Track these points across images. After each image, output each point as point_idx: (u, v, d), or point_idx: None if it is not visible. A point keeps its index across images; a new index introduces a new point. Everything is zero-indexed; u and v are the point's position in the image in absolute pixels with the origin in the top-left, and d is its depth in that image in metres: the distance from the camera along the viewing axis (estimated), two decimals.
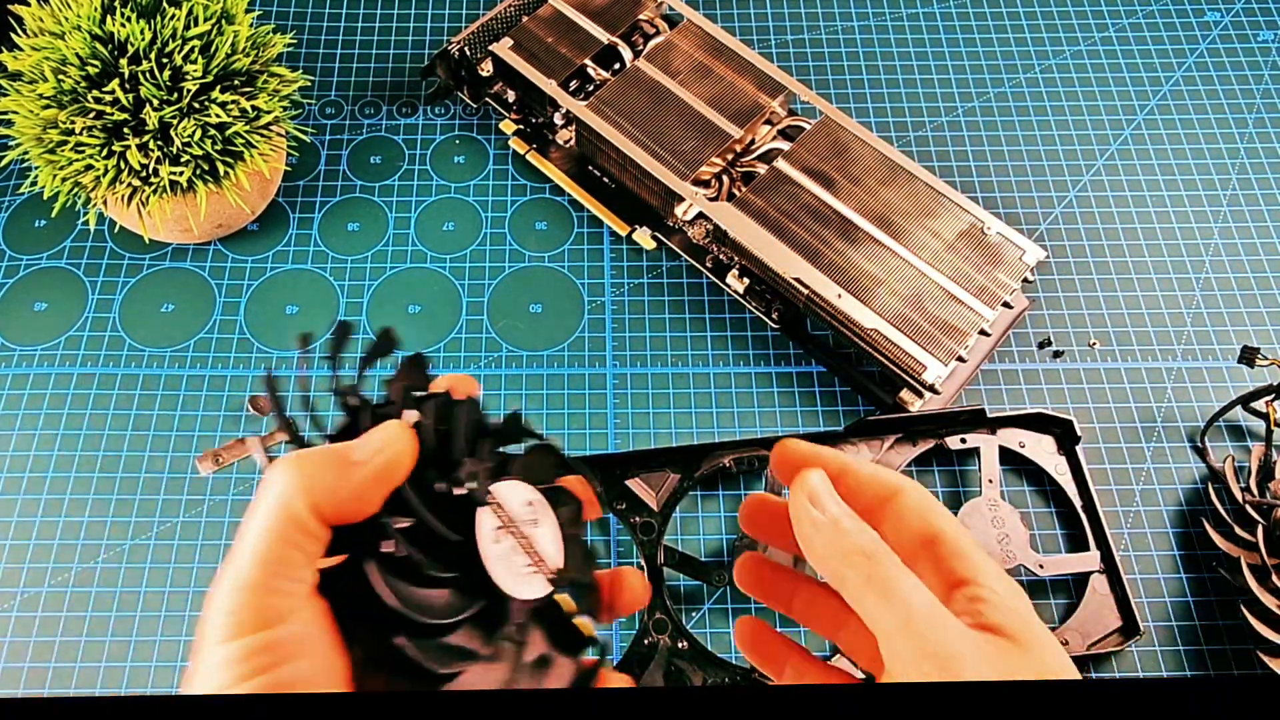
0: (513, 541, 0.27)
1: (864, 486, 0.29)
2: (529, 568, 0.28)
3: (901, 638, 0.25)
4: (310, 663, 0.23)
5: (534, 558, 0.28)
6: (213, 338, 0.56)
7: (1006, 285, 0.53)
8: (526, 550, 0.28)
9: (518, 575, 0.27)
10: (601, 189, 0.61)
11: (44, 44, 0.49)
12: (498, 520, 0.27)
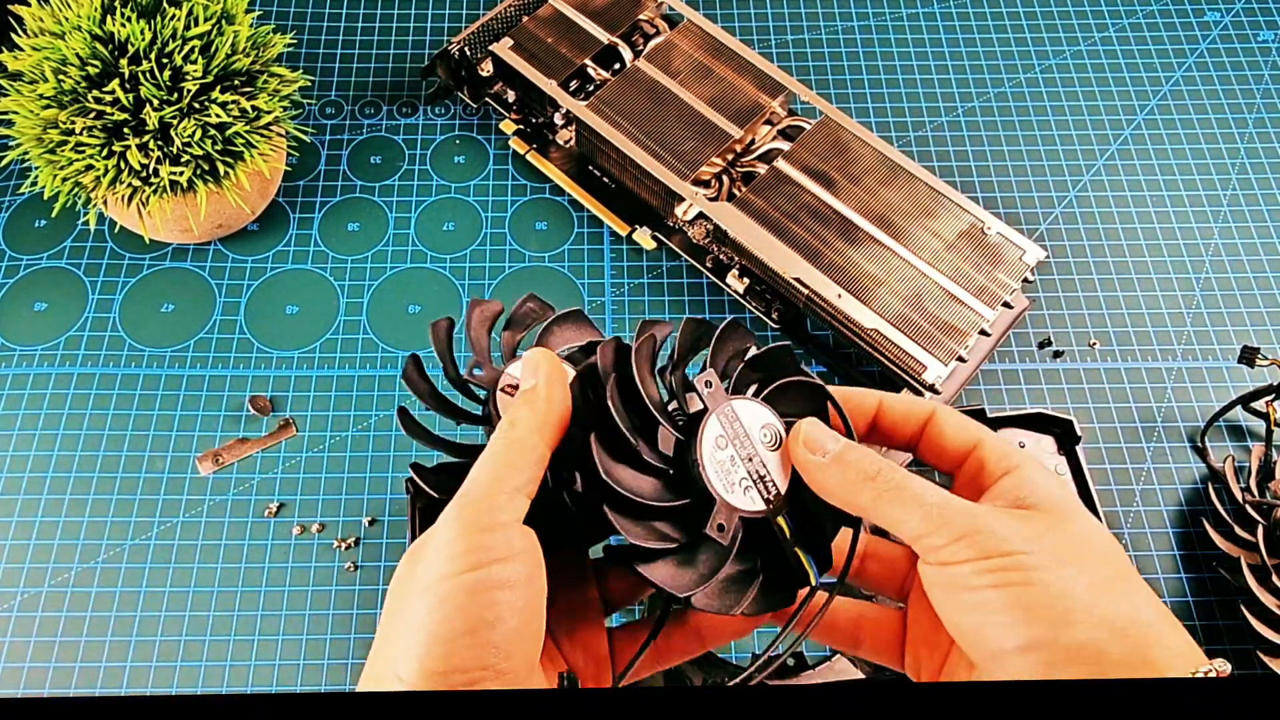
0: (734, 453, 0.29)
1: (901, 418, 0.32)
2: (745, 481, 0.29)
3: (928, 531, 0.26)
4: (515, 569, 0.26)
5: (755, 476, 0.29)
6: (213, 338, 0.56)
7: (1006, 285, 0.53)
8: (750, 466, 0.29)
9: (731, 484, 0.29)
10: (601, 189, 0.61)
11: (44, 44, 0.49)
12: (723, 430, 0.29)
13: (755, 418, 0.30)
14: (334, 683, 0.47)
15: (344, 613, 0.48)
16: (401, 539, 0.50)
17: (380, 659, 0.27)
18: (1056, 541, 0.26)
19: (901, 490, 0.27)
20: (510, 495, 0.27)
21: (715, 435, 0.29)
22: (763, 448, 0.30)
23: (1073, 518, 0.27)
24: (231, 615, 0.48)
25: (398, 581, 0.28)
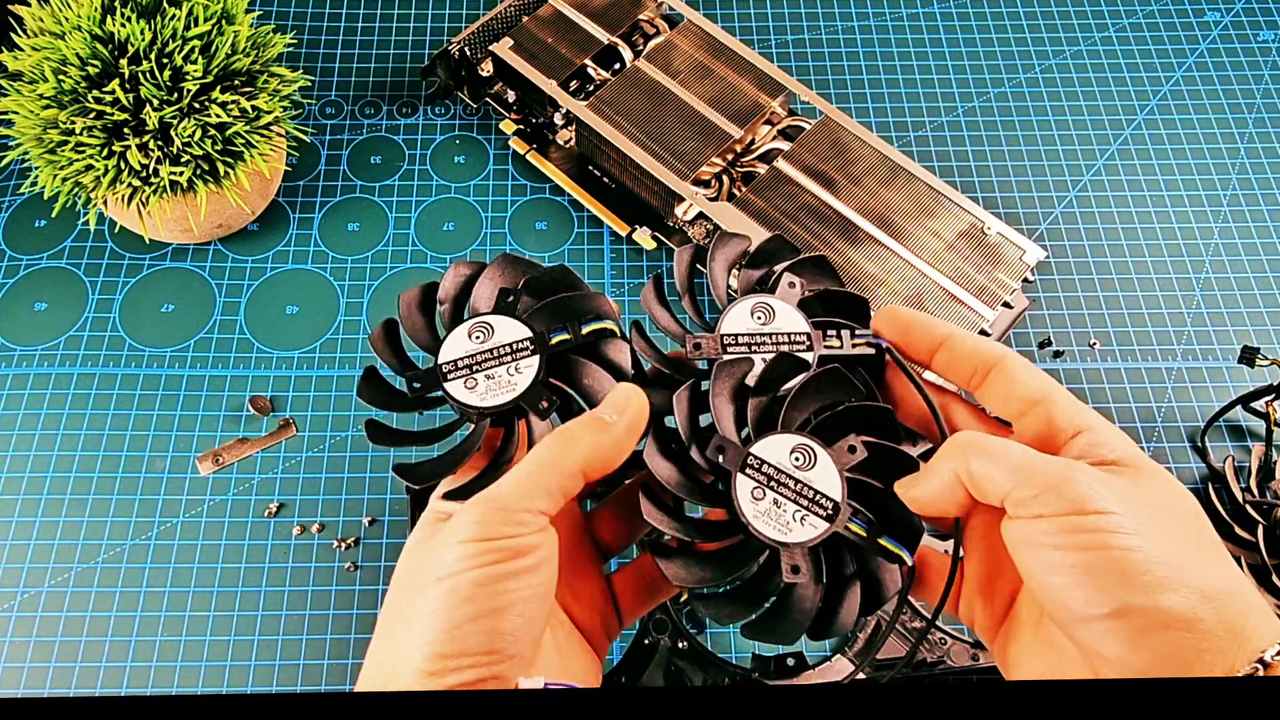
0: (774, 496, 0.30)
1: (965, 357, 0.30)
2: (799, 513, 0.29)
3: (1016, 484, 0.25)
4: (527, 562, 0.27)
5: (806, 501, 0.29)
6: (213, 338, 0.56)
7: (1007, 285, 0.53)
8: (795, 497, 0.30)
9: (785, 524, 0.29)
10: (601, 189, 0.61)
11: (44, 44, 0.49)
12: (755, 481, 0.30)
13: (780, 450, 0.30)
14: (334, 683, 0.47)
15: (344, 613, 0.48)
16: (401, 539, 0.50)
17: (385, 648, 0.27)
18: (1145, 500, 0.25)
19: (984, 447, 0.27)
20: (534, 514, 0.27)
21: (750, 489, 0.30)
22: (800, 472, 0.30)
23: (1156, 477, 0.26)
24: (231, 615, 0.48)
25: (403, 572, 0.28)
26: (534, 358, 0.32)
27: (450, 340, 0.33)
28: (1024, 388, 0.29)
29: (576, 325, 0.33)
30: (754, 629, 0.29)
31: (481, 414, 0.31)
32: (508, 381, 0.32)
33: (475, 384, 0.32)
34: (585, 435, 0.29)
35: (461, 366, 0.32)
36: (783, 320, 0.33)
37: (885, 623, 0.46)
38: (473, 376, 0.32)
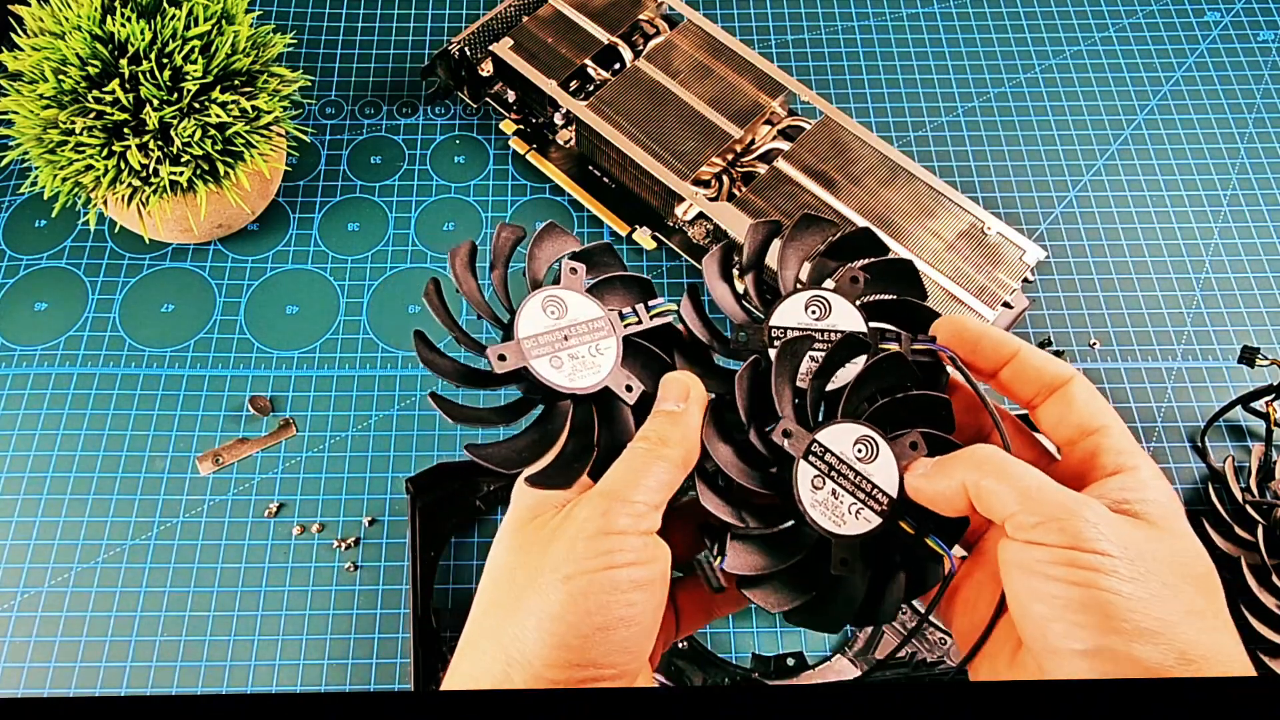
0: (833, 486, 0.29)
1: (1031, 371, 0.30)
2: (855, 505, 0.29)
3: (1021, 509, 0.25)
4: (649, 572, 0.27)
5: (863, 494, 0.29)
6: (213, 338, 0.56)
7: (1007, 285, 0.53)
8: (854, 489, 0.29)
9: (841, 516, 0.29)
10: (601, 189, 0.61)
11: (44, 44, 0.49)
12: (816, 469, 0.29)
13: (845, 438, 0.30)
14: (334, 683, 0.47)
15: (344, 613, 0.48)
16: (401, 539, 0.50)
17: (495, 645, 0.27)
18: (1155, 554, 0.24)
19: (1001, 466, 0.26)
20: (649, 508, 0.28)
21: (810, 477, 0.29)
22: (861, 464, 0.29)
23: (1178, 535, 0.26)
24: (231, 615, 0.48)
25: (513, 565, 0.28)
26: (611, 339, 0.31)
27: (525, 313, 0.30)
28: (1079, 415, 0.29)
29: (645, 308, 0.32)
30: (800, 615, 0.29)
31: (575, 398, 0.29)
32: (592, 362, 0.30)
33: (561, 364, 0.30)
34: (668, 428, 0.29)
35: (544, 343, 0.30)
36: (838, 317, 0.32)
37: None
38: (557, 355, 0.30)
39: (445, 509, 0.50)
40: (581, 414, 0.30)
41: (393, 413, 0.54)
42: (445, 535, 0.50)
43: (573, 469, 0.29)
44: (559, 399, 0.30)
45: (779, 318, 0.32)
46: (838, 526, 0.29)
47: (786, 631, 0.48)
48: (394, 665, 0.47)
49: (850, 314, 0.32)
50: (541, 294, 0.31)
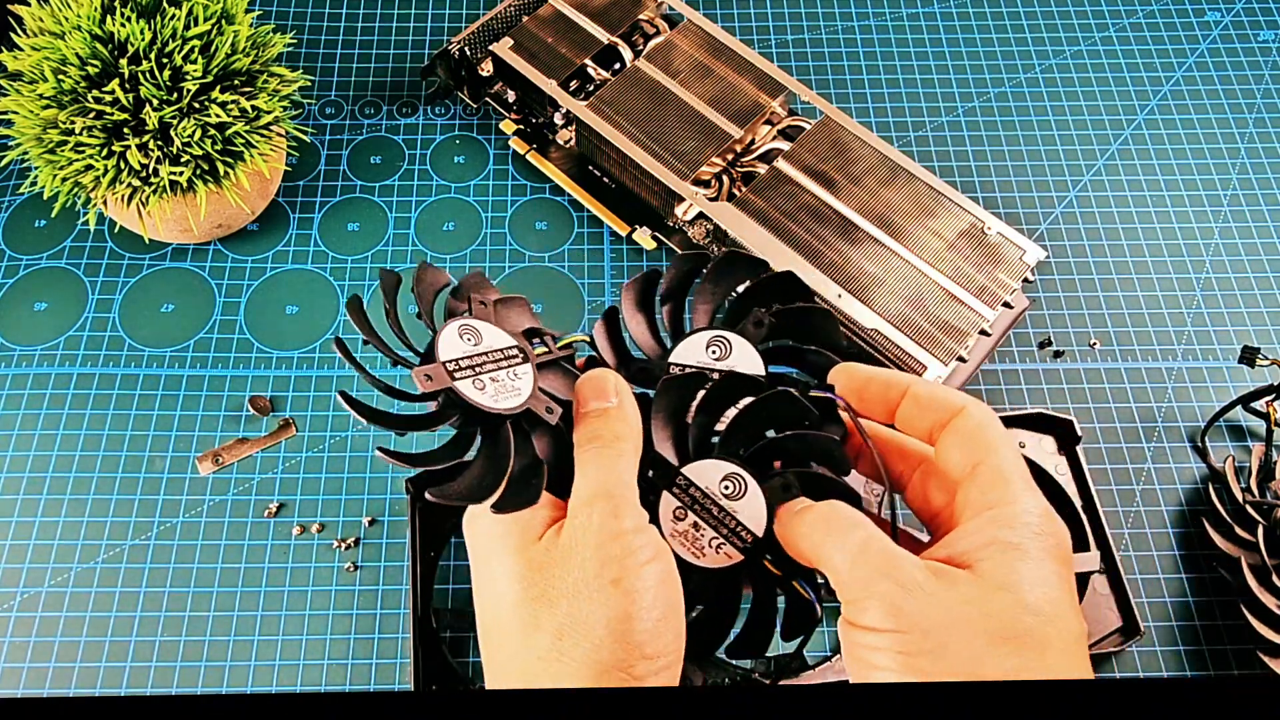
0: (696, 519, 0.30)
1: (919, 408, 0.30)
2: (716, 540, 0.30)
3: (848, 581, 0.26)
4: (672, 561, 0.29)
5: (727, 530, 0.30)
6: (213, 338, 0.56)
7: (1007, 285, 0.53)
8: (717, 524, 0.30)
9: (700, 549, 0.30)
10: (601, 189, 0.61)
11: (44, 44, 0.49)
12: (679, 501, 0.30)
13: (712, 474, 0.30)
14: (334, 683, 0.47)
15: (344, 613, 0.48)
16: (401, 539, 0.50)
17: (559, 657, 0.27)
18: (960, 619, 0.25)
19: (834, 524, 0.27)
20: (637, 502, 0.29)
21: (673, 508, 0.30)
22: (727, 501, 0.30)
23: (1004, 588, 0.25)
24: (231, 615, 0.48)
25: (545, 585, 0.28)
26: (526, 365, 0.32)
27: (444, 338, 0.31)
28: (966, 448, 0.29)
29: (552, 338, 0.34)
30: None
31: (500, 418, 0.30)
32: (512, 386, 0.31)
33: (484, 386, 0.31)
34: (616, 424, 0.30)
35: (465, 367, 0.31)
36: (738, 359, 0.33)
37: None
38: (479, 378, 0.31)
39: (445, 509, 0.50)
40: (518, 435, 0.31)
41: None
42: (445, 535, 0.50)
43: (531, 486, 0.29)
44: (484, 420, 0.31)
45: (679, 355, 0.33)
46: (696, 559, 0.30)
47: None
48: (394, 665, 0.47)
49: (750, 356, 0.33)
50: (456, 323, 0.32)
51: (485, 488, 0.29)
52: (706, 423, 0.31)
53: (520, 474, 0.30)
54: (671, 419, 0.31)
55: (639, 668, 0.27)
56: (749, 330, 0.34)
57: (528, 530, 0.29)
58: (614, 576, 0.27)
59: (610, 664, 0.27)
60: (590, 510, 0.28)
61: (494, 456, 0.30)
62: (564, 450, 0.31)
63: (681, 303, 0.35)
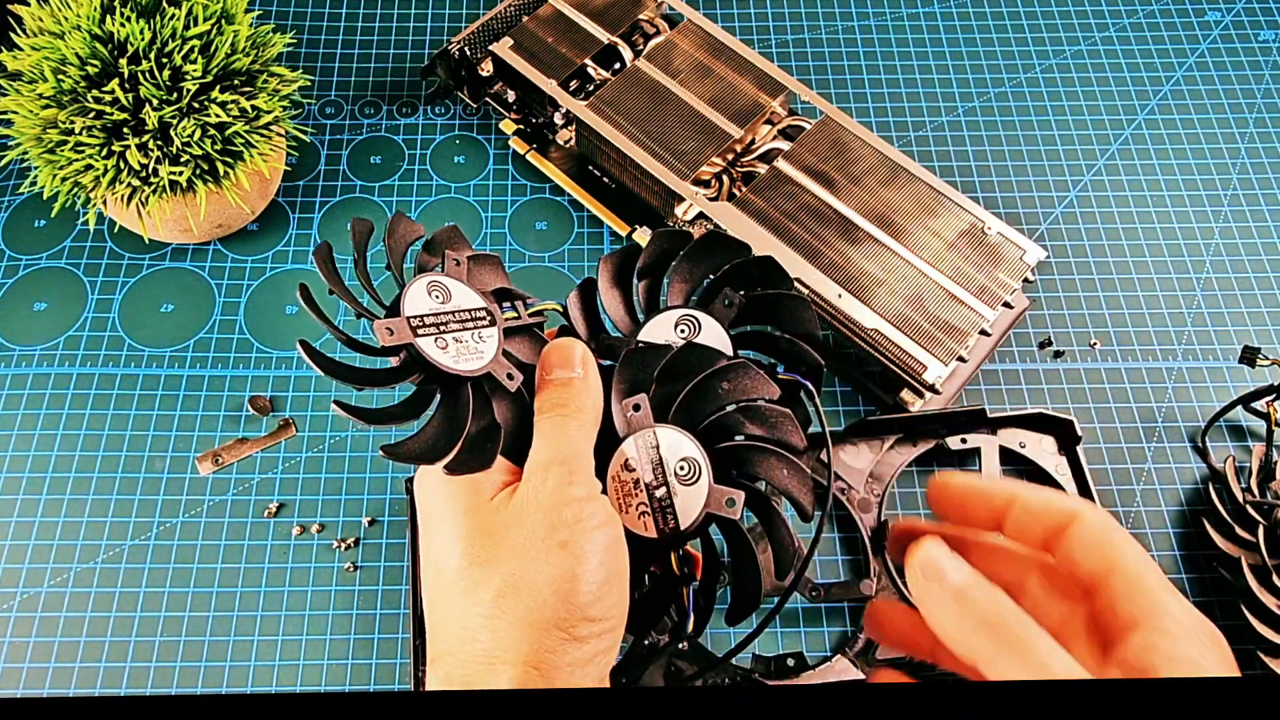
0: (639, 478, 0.30)
1: (1035, 517, 0.28)
2: (643, 507, 0.30)
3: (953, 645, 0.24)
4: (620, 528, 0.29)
5: (657, 505, 0.30)
6: (213, 338, 0.56)
7: (1007, 285, 0.52)
8: (655, 495, 0.30)
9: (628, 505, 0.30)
10: (601, 189, 0.61)
11: (44, 44, 0.49)
12: (636, 454, 0.30)
13: (677, 449, 0.30)
14: (334, 683, 0.47)
15: (344, 613, 0.48)
16: (401, 539, 0.50)
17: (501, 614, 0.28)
18: None
19: (1025, 649, 0.24)
20: (592, 471, 0.29)
21: (626, 458, 0.30)
22: (676, 480, 0.30)
23: None
24: (231, 615, 0.48)
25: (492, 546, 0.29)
26: (493, 329, 0.32)
27: (411, 293, 0.31)
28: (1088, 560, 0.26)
29: (523, 303, 0.33)
30: None
31: (459, 379, 0.30)
32: (475, 349, 0.31)
33: (446, 345, 0.30)
34: (580, 394, 0.30)
35: (430, 324, 0.30)
36: (707, 339, 0.33)
37: None
38: (442, 337, 0.30)
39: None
40: (479, 398, 0.31)
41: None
42: None
43: (486, 449, 0.29)
44: (444, 380, 0.30)
45: (648, 331, 0.33)
46: (620, 512, 0.30)
47: (786, 632, 0.48)
48: (394, 665, 0.47)
49: (720, 337, 0.33)
50: (426, 278, 0.31)
51: (440, 448, 0.29)
52: (671, 391, 0.31)
53: (477, 436, 0.30)
54: (631, 390, 0.31)
55: (580, 629, 0.27)
56: (719, 310, 0.33)
57: (479, 491, 0.29)
58: (562, 539, 0.27)
59: (551, 622, 0.27)
60: (545, 475, 0.29)
61: (451, 417, 0.30)
62: (523, 416, 0.31)
63: (658, 280, 0.35)
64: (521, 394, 0.32)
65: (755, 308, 0.34)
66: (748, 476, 0.31)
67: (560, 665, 0.27)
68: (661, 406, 0.31)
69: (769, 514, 0.30)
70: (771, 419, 0.31)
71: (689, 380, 0.31)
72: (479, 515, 0.29)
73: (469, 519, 0.29)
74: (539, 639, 0.27)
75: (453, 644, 0.28)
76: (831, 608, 0.48)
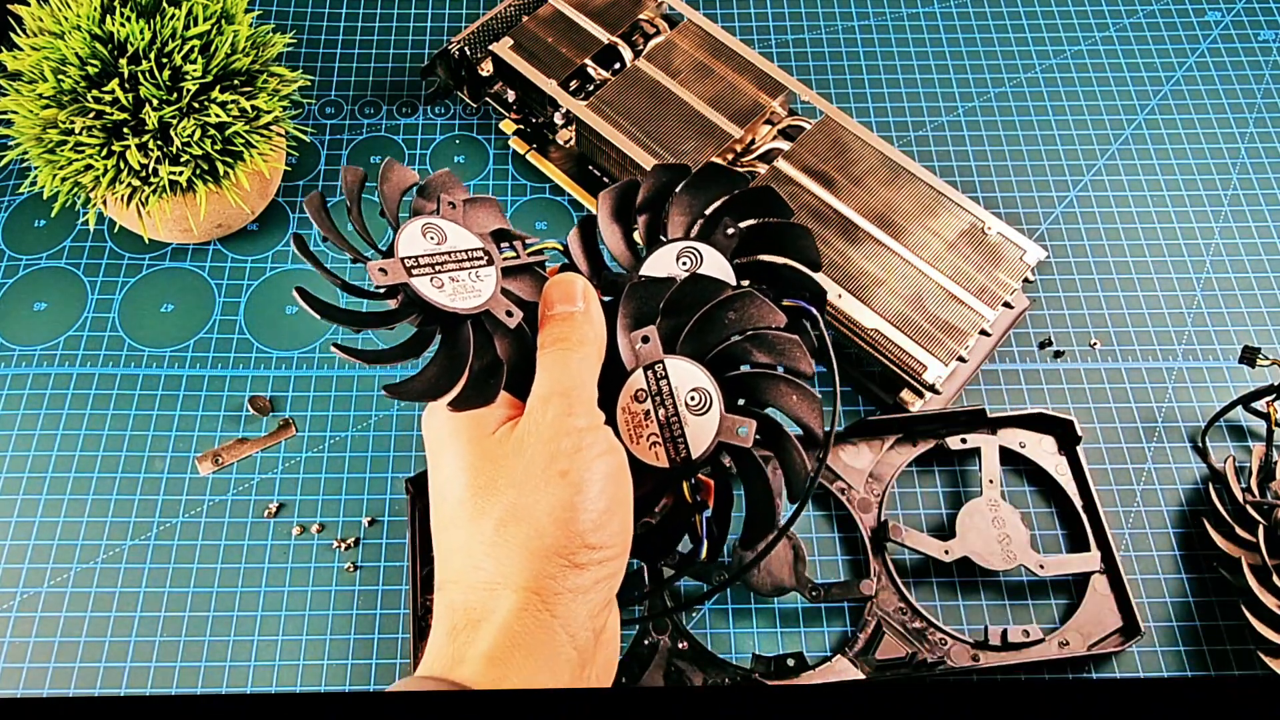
0: (650, 409, 0.30)
1: None
2: (654, 438, 0.30)
3: None
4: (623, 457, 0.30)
5: (668, 435, 0.30)
6: (213, 338, 0.56)
7: (1007, 285, 0.52)
8: (665, 425, 0.30)
9: (638, 436, 0.30)
10: (601, 189, 0.61)
11: (44, 44, 0.49)
12: (645, 385, 0.30)
13: (687, 379, 0.30)
14: (334, 683, 0.47)
15: (344, 613, 0.48)
16: (401, 539, 0.50)
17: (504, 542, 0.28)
18: None
19: None
20: (595, 402, 0.30)
21: (637, 388, 0.30)
22: (686, 410, 0.30)
23: None
24: (231, 615, 0.48)
25: (494, 474, 0.29)
26: (490, 268, 0.32)
27: (405, 235, 0.31)
28: None
29: (523, 245, 0.33)
30: None
31: (456, 317, 0.30)
32: (472, 287, 0.31)
33: (442, 284, 0.30)
34: (583, 328, 0.31)
35: (425, 264, 0.31)
36: (709, 270, 0.33)
37: (881, 622, 0.46)
38: (438, 276, 0.30)
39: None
40: (480, 335, 0.31)
41: (392, 413, 0.54)
42: None
43: (489, 385, 0.29)
44: (442, 319, 0.30)
45: (650, 266, 0.33)
46: (628, 442, 0.30)
47: (786, 631, 0.48)
48: (394, 665, 0.47)
49: (722, 268, 0.33)
50: (420, 220, 0.32)
51: (442, 386, 0.29)
52: (677, 324, 0.31)
53: (480, 373, 0.30)
54: (636, 324, 0.31)
55: (581, 556, 0.28)
56: (719, 240, 0.33)
57: (482, 424, 0.30)
58: (562, 468, 0.28)
59: (551, 549, 0.28)
60: (546, 406, 0.29)
61: (452, 355, 0.30)
62: (525, 353, 0.31)
63: (658, 214, 0.35)
64: (524, 331, 0.32)
65: (756, 237, 0.34)
66: (757, 404, 0.31)
67: (561, 591, 0.28)
68: (668, 339, 0.31)
69: (780, 438, 0.30)
70: (780, 346, 0.31)
71: (694, 312, 0.31)
72: (483, 446, 0.30)
73: (472, 450, 0.30)
74: (540, 566, 0.28)
75: (458, 571, 0.29)
76: (831, 608, 0.48)
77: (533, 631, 0.27)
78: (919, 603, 0.48)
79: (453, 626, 0.28)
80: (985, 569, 0.48)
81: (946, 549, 0.49)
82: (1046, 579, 0.50)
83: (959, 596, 0.49)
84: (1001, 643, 0.46)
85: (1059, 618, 0.49)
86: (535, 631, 0.27)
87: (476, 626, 0.28)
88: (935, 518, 0.51)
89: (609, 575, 0.29)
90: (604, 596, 0.29)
